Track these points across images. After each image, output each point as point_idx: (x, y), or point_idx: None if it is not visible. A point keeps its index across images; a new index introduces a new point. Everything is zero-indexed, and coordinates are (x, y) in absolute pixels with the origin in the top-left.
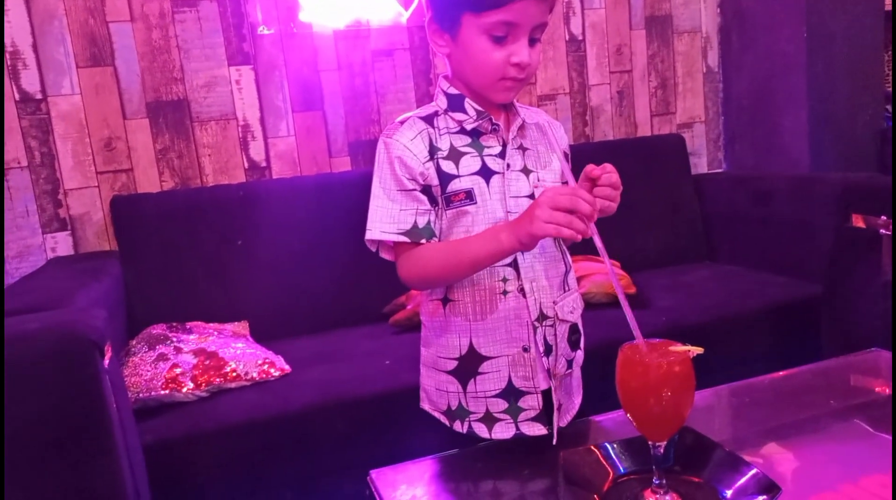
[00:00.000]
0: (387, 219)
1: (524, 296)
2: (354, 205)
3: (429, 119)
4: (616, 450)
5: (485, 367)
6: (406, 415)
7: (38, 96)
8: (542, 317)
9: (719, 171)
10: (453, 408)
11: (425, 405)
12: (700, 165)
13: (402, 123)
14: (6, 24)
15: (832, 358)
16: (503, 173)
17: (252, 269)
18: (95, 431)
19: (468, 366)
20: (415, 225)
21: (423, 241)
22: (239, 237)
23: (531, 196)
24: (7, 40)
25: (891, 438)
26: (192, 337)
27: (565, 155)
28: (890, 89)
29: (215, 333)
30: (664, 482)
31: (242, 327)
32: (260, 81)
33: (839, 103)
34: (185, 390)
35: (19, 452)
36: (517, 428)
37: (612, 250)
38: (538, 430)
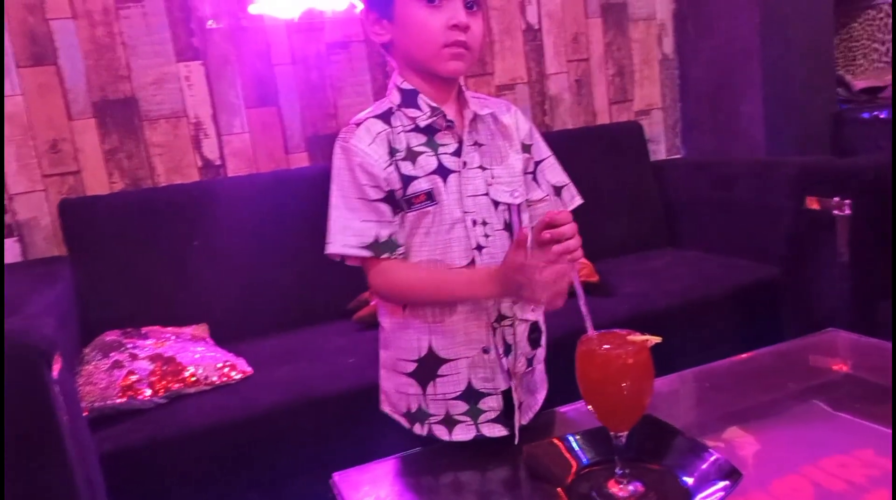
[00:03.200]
0: (348, 232)
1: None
2: (313, 201)
3: (385, 117)
4: (578, 442)
5: (444, 369)
6: (373, 414)
7: None
8: (501, 318)
9: (677, 157)
10: (413, 410)
11: (385, 408)
12: (658, 151)
13: (357, 124)
14: None
15: (790, 340)
16: (459, 172)
17: (210, 270)
18: (45, 442)
19: (427, 368)
20: (376, 239)
21: (387, 255)
22: (195, 238)
23: (486, 194)
24: None
25: (850, 418)
26: (148, 343)
27: (523, 146)
28: (841, 73)
29: (173, 337)
30: (627, 471)
31: (202, 329)
32: (211, 77)
33: (794, 88)
34: (142, 397)
35: None
36: (478, 430)
37: None
38: (499, 431)
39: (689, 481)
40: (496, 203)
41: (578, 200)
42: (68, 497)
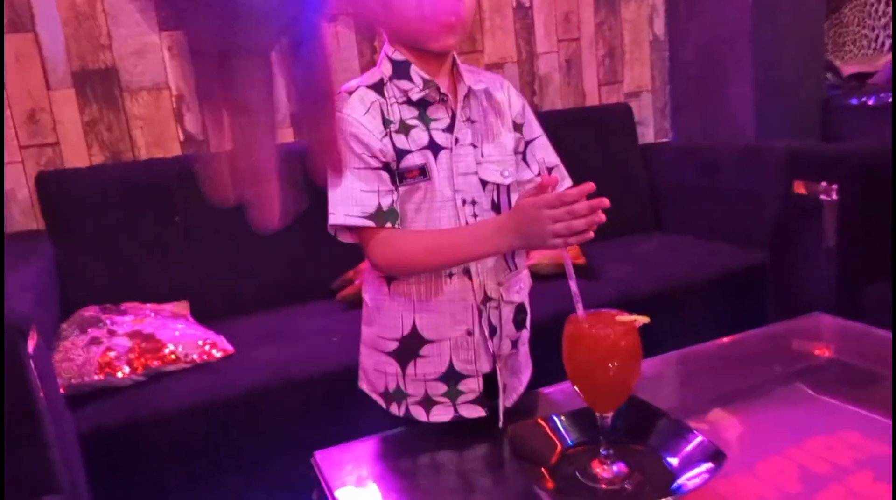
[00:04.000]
0: (349, 201)
1: (469, 278)
2: (301, 176)
3: (377, 88)
4: (563, 422)
5: (426, 350)
6: (354, 395)
7: None
8: (487, 299)
9: (666, 140)
10: (391, 390)
11: (363, 385)
12: (647, 134)
13: (349, 93)
14: None
15: (775, 323)
16: (451, 149)
17: (192, 246)
18: (22, 419)
19: (409, 348)
20: (379, 208)
21: (389, 225)
22: (177, 213)
23: (476, 173)
24: None
25: (834, 401)
26: (126, 319)
27: (515, 125)
28: (830, 58)
29: (152, 313)
30: (612, 452)
31: (182, 307)
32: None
33: (785, 72)
34: (120, 374)
35: None
36: (456, 411)
37: None
38: (477, 412)
39: (674, 462)
40: (484, 183)
41: (568, 183)
42: (46, 476)
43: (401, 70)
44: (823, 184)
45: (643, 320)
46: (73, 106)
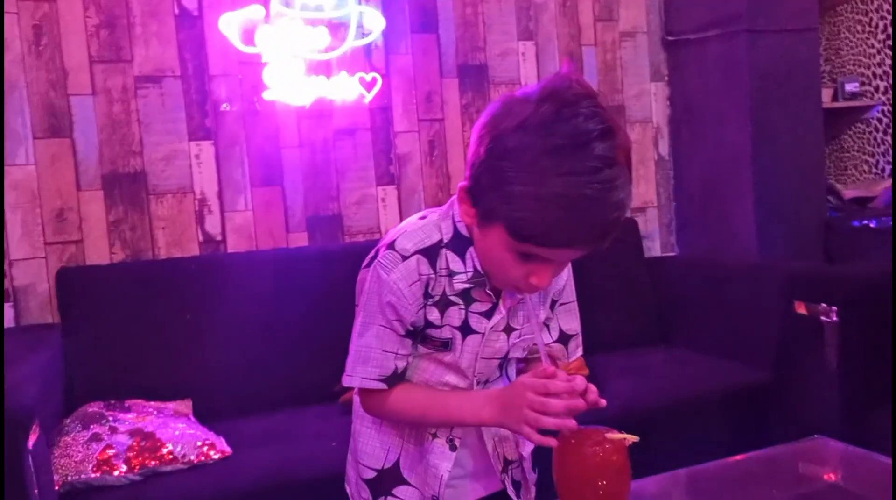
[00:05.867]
0: (370, 363)
1: (451, 449)
2: (309, 281)
3: (432, 257)
4: None
5: (399, 491)
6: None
7: None
8: (508, 463)
9: (672, 254)
10: None
11: (347, 489)
12: (654, 248)
13: (403, 258)
14: None
15: (777, 445)
16: (483, 334)
17: (201, 344)
18: None
19: (385, 483)
20: (395, 371)
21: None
22: (189, 311)
23: (504, 356)
24: None
25: None
26: (129, 416)
27: (552, 302)
28: (832, 181)
29: (155, 412)
30: None
31: (185, 405)
32: (220, 156)
33: (785, 195)
34: (117, 473)
35: None
36: None
37: None
38: None
39: None
40: (507, 358)
41: (579, 353)
42: None
43: (459, 246)
44: (823, 305)
45: (632, 438)
46: (100, 205)
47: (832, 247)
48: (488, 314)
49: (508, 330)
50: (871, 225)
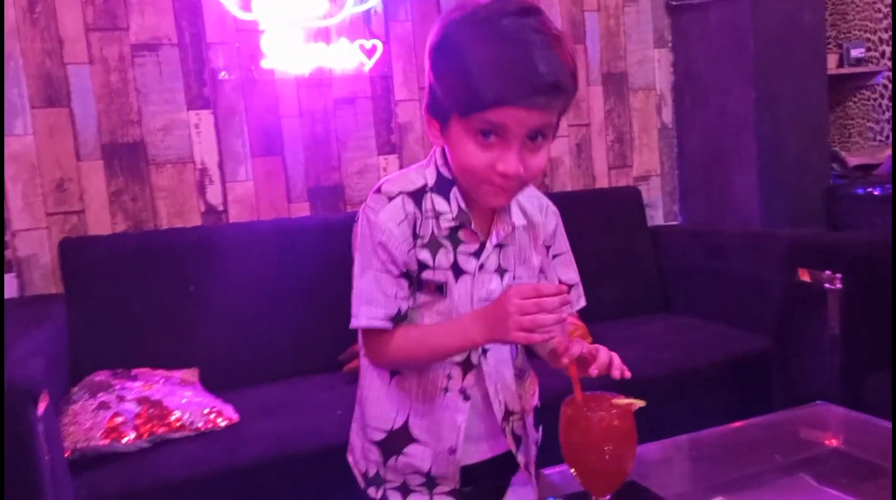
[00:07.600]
0: (374, 304)
1: (464, 399)
2: (312, 251)
3: (417, 198)
4: None
5: (410, 449)
6: (350, 471)
7: None
8: (509, 413)
9: (675, 223)
10: (370, 475)
11: (350, 458)
12: (657, 217)
13: (389, 199)
14: None
15: (779, 412)
16: (473, 275)
17: (205, 315)
18: (24, 483)
19: (395, 443)
20: (398, 312)
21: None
22: (192, 282)
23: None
24: None
25: (836, 493)
26: (136, 384)
27: (546, 248)
28: (836, 149)
29: (162, 380)
30: None
31: (192, 374)
32: (219, 126)
33: (788, 162)
34: (125, 440)
35: None
36: (431, 499)
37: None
38: None
39: None
40: None
41: (582, 302)
42: None
43: (442, 187)
44: (827, 273)
45: (639, 403)
46: (100, 177)
47: (836, 215)
48: (477, 254)
49: (501, 272)
50: (875, 192)
